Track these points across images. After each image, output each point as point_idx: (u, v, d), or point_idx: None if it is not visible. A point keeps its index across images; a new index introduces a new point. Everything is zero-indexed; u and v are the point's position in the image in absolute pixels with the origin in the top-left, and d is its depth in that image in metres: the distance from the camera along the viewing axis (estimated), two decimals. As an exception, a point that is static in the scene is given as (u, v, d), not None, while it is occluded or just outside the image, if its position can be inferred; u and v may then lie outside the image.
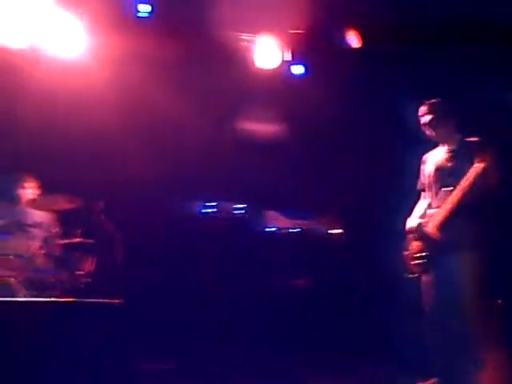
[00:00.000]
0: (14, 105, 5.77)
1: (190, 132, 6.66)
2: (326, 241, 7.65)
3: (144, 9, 6.17)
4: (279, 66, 6.79)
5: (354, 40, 6.57)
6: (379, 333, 6.17)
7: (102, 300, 3.48)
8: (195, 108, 6.56)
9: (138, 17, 6.13)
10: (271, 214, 7.44)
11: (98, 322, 3.33)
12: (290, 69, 6.95)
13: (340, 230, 7.68)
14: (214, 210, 7.14)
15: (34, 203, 6.42)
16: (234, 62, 6.55)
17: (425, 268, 4.44)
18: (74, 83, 6.06)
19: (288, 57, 6.84)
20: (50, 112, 6.18)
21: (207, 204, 7.08)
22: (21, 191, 6.43)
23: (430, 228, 4.37)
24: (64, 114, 6.34)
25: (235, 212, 7.14)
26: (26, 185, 6.38)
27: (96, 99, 6.29)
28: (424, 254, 4.41)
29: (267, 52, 6.63)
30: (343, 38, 6.57)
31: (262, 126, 7.07)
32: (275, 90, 6.85)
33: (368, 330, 6.39)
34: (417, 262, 4.44)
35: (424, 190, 4.69)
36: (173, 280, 6.51)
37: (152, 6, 6.17)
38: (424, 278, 4.48)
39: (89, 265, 6.41)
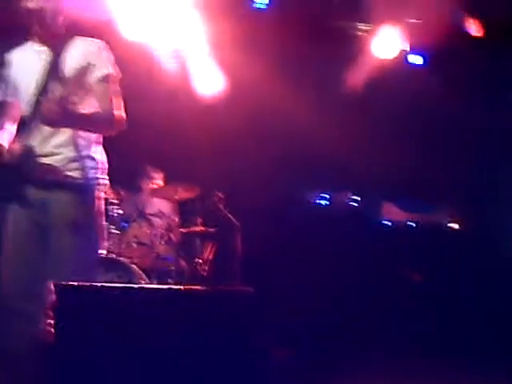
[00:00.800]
0: (142, 99, 5.94)
1: (305, 122, 6.64)
2: (445, 234, 7.46)
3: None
4: (397, 56, 6.70)
5: (475, 29, 6.38)
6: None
7: (233, 287, 3.48)
8: (311, 99, 6.54)
9: (256, 8, 6.19)
10: (387, 205, 7.32)
11: (230, 310, 3.32)
12: (407, 58, 6.85)
13: (459, 223, 7.47)
14: (328, 201, 7.10)
15: (155, 193, 6.61)
16: (351, 51, 6.51)
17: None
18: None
19: (406, 46, 6.74)
20: (173, 105, 6.31)
21: (321, 195, 7.04)
22: (143, 181, 6.66)
23: None
24: (185, 106, 6.47)
25: (350, 203, 7.07)
26: (147, 175, 6.60)
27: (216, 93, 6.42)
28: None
29: (385, 41, 6.55)
30: (464, 28, 6.40)
31: (377, 116, 6.96)
32: (392, 80, 6.75)
33: (493, 329, 6.13)
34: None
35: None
36: (289, 271, 6.51)
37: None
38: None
39: (209, 253, 6.54)
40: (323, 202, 6.94)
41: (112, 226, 5.89)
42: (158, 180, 6.66)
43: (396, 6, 6.19)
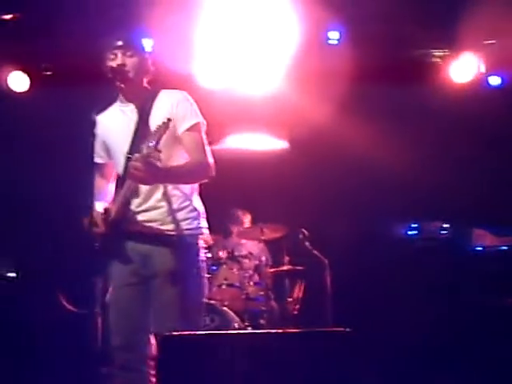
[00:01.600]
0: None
1: (388, 154, 6.58)
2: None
3: (333, 36, 6.25)
4: (474, 79, 6.60)
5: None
6: None
7: (329, 328, 3.44)
8: (392, 129, 6.50)
9: (329, 44, 6.21)
10: (478, 231, 7.13)
11: (327, 351, 3.29)
12: (486, 80, 6.73)
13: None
14: (417, 231, 6.97)
15: (243, 234, 6.69)
16: (427, 78, 6.45)
17: None
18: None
19: (482, 69, 6.63)
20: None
21: (410, 225, 6.92)
22: (232, 224, 6.78)
23: None
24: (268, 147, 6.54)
25: (440, 232, 6.92)
26: (236, 218, 6.72)
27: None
28: None
29: (462, 66, 6.47)
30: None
31: (462, 143, 6.84)
32: (471, 104, 6.63)
33: None
34: None
35: None
36: (385, 305, 6.39)
37: (340, 32, 6.24)
38: None
39: (298, 292, 6.53)
40: (412, 232, 6.80)
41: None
42: (246, 222, 6.76)
43: (472, 29, 6.12)
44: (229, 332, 3.97)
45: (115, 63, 3.50)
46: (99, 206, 3.47)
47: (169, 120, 3.29)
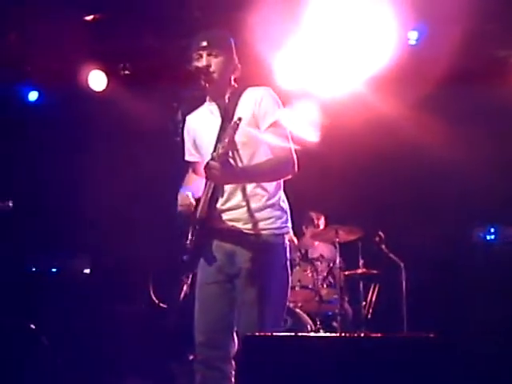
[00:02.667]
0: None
1: (465, 156, 6.43)
2: None
3: (413, 36, 6.17)
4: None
5: None
6: None
7: (414, 334, 3.36)
8: (470, 129, 6.35)
9: (409, 44, 6.13)
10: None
11: (412, 358, 3.20)
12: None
13: None
14: (495, 235, 6.80)
15: (317, 236, 6.65)
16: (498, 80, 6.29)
17: None
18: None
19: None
20: (328, 148, 6.34)
21: (489, 230, 6.76)
22: (305, 226, 6.76)
23: None
24: (340, 148, 6.48)
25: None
26: (310, 220, 6.69)
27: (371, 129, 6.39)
28: None
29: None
30: None
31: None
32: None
33: None
34: None
35: None
36: (461, 310, 6.25)
37: (418, 32, 6.15)
38: None
39: (372, 295, 6.46)
40: (490, 237, 6.64)
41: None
42: (319, 224, 6.73)
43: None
44: (310, 335, 3.92)
45: (200, 64, 3.51)
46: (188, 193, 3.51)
47: (239, 119, 3.27)
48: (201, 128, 3.61)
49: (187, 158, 3.67)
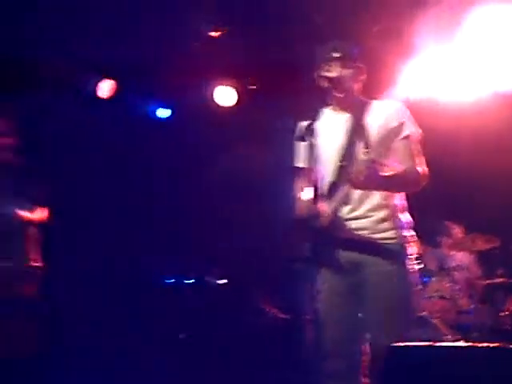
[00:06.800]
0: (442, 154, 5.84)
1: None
2: None
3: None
4: None
5: None
6: None
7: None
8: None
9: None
10: None
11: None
12: None
13: None
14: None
15: (454, 246, 6.49)
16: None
17: None
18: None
19: None
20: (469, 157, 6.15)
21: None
22: (442, 237, 6.58)
23: None
24: (481, 157, 6.24)
25: None
26: (446, 231, 6.53)
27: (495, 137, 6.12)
28: None
29: None
30: None
31: None
32: None
33: None
34: None
35: None
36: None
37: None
38: None
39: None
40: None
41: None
42: (455, 233, 6.55)
43: None
44: (453, 345, 3.83)
45: (331, 74, 3.54)
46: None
47: (387, 129, 3.36)
48: (324, 136, 3.62)
49: (299, 164, 3.72)
